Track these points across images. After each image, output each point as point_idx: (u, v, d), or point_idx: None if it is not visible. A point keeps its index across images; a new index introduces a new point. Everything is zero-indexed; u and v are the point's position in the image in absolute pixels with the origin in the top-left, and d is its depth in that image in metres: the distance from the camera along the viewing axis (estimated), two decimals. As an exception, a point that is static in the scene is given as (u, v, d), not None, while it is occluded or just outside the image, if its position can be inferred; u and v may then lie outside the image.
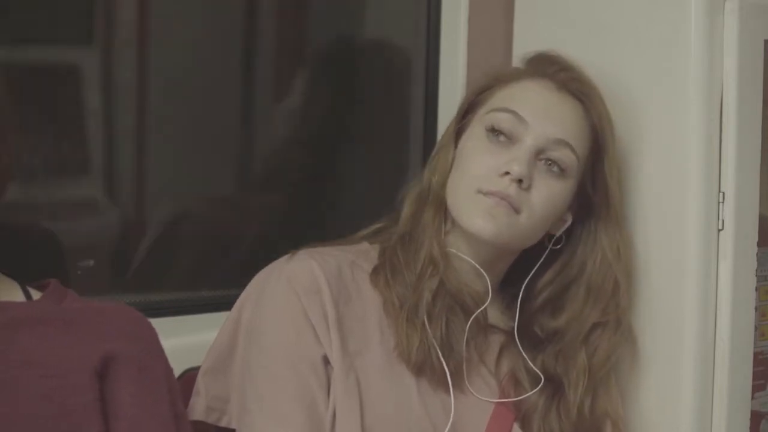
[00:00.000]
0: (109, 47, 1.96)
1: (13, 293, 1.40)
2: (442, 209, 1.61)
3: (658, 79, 1.69)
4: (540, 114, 1.58)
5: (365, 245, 1.65)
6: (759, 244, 1.68)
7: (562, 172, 1.58)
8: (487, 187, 1.55)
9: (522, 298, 1.64)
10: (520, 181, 1.54)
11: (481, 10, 2.03)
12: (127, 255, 1.99)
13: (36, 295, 1.41)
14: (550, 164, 1.58)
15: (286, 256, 1.58)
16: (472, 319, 1.58)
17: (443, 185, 1.61)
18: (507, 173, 1.54)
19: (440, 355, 1.54)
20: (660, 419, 1.68)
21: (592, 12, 1.79)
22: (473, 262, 1.60)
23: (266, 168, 2.15)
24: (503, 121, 1.58)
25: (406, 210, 1.64)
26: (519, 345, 1.62)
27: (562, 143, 1.58)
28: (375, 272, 1.60)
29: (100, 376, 1.35)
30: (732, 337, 1.65)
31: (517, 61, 1.72)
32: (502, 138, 1.58)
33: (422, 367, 1.54)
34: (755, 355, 1.69)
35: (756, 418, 1.70)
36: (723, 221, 1.64)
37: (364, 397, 1.52)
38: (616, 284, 1.63)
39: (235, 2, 2.10)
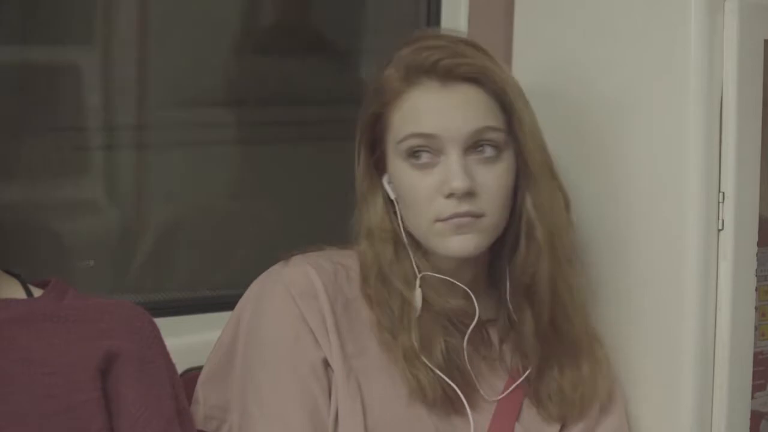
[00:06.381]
0: (109, 47, 1.96)
1: (15, 291, 1.41)
2: (401, 244, 1.58)
3: (658, 79, 1.68)
4: (442, 119, 1.53)
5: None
6: (759, 244, 1.67)
7: (496, 152, 1.54)
8: (442, 213, 1.52)
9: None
10: (468, 192, 1.52)
11: (481, 10, 2.03)
12: (127, 255, 1.99)
13: (37, 292, 1.42)
14: (480, 153, 1.54)
15: (281, 263, 1.58)
16: (467, 334, 1.57)
17: (386, 222, 1.58)
18: (452, 194, 1.52)
19: (450, 382, 1.54)
20: (660, 419, 1.68)
21: (592, 12, 1.79)
22: (452, 280, 1.58)
23: (264, 169, 2.15)
24: (415, 147, 1.53)
25: (366, 250, 1.59)
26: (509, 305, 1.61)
27: (479, 131, 1.53)
28: (364, 290, 1.59)
29: (103, 373, 1.36)
30: (732, 337, 1.65)
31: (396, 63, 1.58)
32: (422, 160, 1.53)
33: (443, 400, 1.54)
34: (755, 355, 1.69)
35: (756, 418, 1.70)
36: (723, 221, 1.64)
37: (366, 400, 1.52)
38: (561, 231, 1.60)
39: (235, 2, 2.10)
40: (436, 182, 1.53)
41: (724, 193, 1.64)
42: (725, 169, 1.64)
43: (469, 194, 1.52)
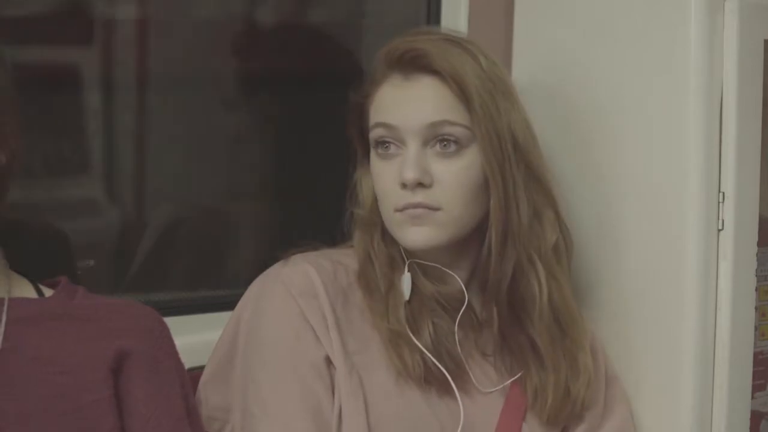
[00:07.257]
0: (109, 47, 1.96)
1: (26, 291, 1.40)
2: (386, 231, 1.60)
3: (658, 79, 1.69)
4: (402, 111, 1.55)
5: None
6: (759, 244, 1.68)
7: (457, 147, 1.55)
8: (398, 203, 1.54)
9: None
10: (420, 184, 1.53)
11: (481, 10, 2.03)
12: (127, 255, 1.99)
13: (48, 292, 1.42)
14: (445, 146, 1.55)
15: (280, 262, 1.58)
16: (458, 318, 1.58)
17: (375, 209, 1.60)
18: (404, 184, 1.53)
19: (435, 361, 1.54)
20: (660, 419, 1.68)
21: (592, 12, 1.79)
22: (441, 267, 1.59)
23: (264, 171, 2.15)
24: (380, 136, 1.57)
25: (359, 238, 1.63)
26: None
27: (435, 124, 1.54)
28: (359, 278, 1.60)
29: (114, 373, 1.36)
30: (732, 337, 1.65)
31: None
32: (390, 151, 1.56)
33: (427, 379, 1.54)
34: (755, 355, 1.69)
35: (756, 418, 1.70)
36: (723, 221, 1.64)
37: (368, 397, 1.52)
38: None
39: (236, 3, 2.11)
40: (395, 172, 1.55)
41: (724, 193, 1.64)
42: (725, 169, 1.64)
43: (423, 186, 1.53)
